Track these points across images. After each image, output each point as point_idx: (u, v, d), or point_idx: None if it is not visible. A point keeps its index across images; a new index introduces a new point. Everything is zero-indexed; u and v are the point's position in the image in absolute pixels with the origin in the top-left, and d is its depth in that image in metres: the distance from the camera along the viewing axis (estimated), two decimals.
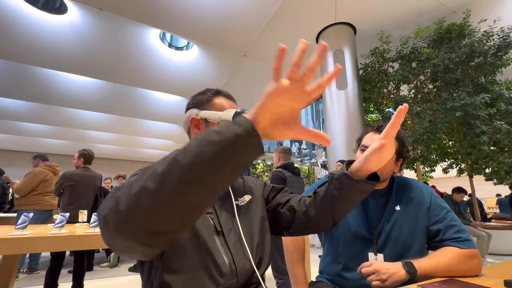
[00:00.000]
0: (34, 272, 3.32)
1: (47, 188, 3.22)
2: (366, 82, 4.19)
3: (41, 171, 3.22)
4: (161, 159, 0.35)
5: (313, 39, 4.26)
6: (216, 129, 0.35)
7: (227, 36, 4.09)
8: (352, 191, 0.57)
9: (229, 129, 0.34)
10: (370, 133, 0.99)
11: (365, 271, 0.75)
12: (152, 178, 0.32)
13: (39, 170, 3.21)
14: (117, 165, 12.93)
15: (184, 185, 0.32)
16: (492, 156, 4.72)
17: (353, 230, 0.92)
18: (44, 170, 3.25)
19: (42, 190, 3.17)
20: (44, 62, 4.61)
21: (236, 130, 0.34)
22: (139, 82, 5.50)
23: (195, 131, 0.69)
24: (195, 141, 0.34)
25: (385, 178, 0.93)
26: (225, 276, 0.53)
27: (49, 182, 3.25)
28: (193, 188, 0.33)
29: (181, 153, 0.33)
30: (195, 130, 0.69)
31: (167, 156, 0.35)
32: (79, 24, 3.81)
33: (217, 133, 0.34)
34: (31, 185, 3.11)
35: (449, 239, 0.83)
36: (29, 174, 3.17)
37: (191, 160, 0.32)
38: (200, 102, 0.70)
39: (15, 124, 8.19)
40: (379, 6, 3.64)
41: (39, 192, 3.16)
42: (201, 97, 0.70)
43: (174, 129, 8.90)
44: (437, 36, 3.69)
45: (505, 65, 3.49)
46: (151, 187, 0.32)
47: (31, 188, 3.11)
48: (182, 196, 0.33)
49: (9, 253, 1.43)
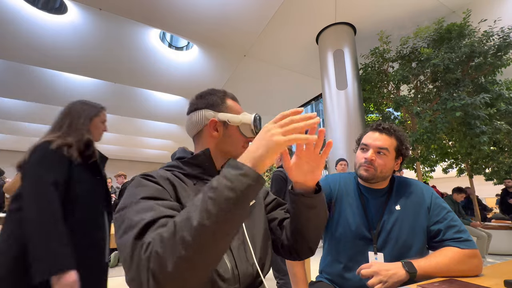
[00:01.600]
0: None
1: None
2: (366, 82, 4.19)
3: None
4: (183, 222, 0.39)
5: (313, 39, 4.26)
6: (227, 184, 0.41)
7: (227, 36, 4.09)
8: (298, 205, 0.60)
9: (240, 182, 0.41)
10: (370, 132, 0.98)
11: (365, 272, 0.75)
12: (186, 247, 0.37)
13: None
14: (117, 165, 12.92)
15: (217, 243, 0.40)
16: (492, 156, 4.72)
17: (353, 230, 0.92)
18: None
19: None
20: (44, 62, 4.61)
21: (247, 182, 0.41)
22: (139, 82, 5.50)
23: (214, 133, 0.66)
24: (211, 201, 0.40)
25: (385, 176, 0.93)
26: (227, 281, 0.52)
27: None
28: (223, 239, 0.41)
29: (205, 216, 0.39)
30: (214, 132, 0.66)
31: (188, 217, 0.40)
32: (79, 24, 3.81)
33: (230, 190, 0.40)
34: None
35: (449, 239, 0.83)
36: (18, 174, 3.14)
37: (217, 221, 0.39)
38: (215, 103, 0.67)
39: (15, 124, 8.19)
40: (379, 6, 3.64)
41: None
42: (213, 98, 0.68)
43: (174, 129, 8.90)
44: (437, 36, 3.69)
45: (505, 65, 3.49)
46: (189, 256, 0.37)
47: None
48: (216, 250, 0.41)
49: None
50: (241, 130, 0.66)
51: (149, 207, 0.47)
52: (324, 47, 4.06)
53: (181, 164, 0.65)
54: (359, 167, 0.95)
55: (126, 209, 0.48)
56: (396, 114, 4.57)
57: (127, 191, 0.53)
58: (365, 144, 0.95)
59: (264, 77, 5.44)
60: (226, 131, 0.66)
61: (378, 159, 0.92)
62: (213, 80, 5.43)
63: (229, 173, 0.42)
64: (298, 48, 4.51)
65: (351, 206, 0.96)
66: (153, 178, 0.56)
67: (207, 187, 0.42)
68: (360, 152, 0.97)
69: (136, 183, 0.54)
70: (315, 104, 12.19)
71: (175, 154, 0.70)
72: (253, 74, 5.27)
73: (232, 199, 0.39)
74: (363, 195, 0.98)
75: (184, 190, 0.58)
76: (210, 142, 0.68)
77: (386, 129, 0.95)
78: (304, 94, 6.42)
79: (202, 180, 0.64)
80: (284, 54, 4.66)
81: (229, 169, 0.43)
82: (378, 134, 0.94)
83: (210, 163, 0.65)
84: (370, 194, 0.97)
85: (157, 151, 11.94)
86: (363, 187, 0.99)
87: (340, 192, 1.00)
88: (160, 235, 0.39)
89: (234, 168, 0.43)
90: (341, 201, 0.98)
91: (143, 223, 0.43)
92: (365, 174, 0.92)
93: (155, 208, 0.46)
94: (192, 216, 0.39)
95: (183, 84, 5.53)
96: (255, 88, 5.87)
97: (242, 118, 0.66)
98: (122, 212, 0.48)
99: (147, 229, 0.42)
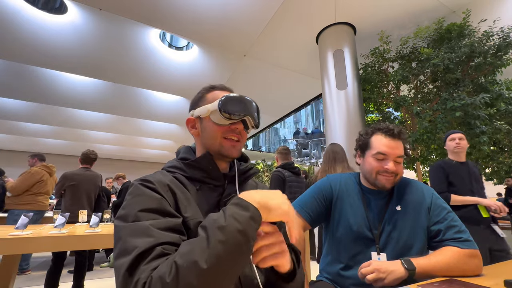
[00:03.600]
0: (25, 273, 3.28)
1: (42, 188, 3.18)
2: (366, 82, 4.19)
3: (38, 171, 3.18)
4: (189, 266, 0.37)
5: (313, 39, 4.26)
6: (238, 227, 0.40)
7: (227, 36, 4.09)
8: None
9: (249, 226, 0.41)
10: (384, 139, 0.92)
11: (365, 271, 0.76)
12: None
13: (36, 170, 3.17)
14: (117, 165, 12.92)
15: (225, 284, 0.39)
16: (492, 156, 4.71)
17: (354, 230, 0.92)
18: (41, 170, 3.22)
19: (36, 191, 3.13)
20: (44, 62, 4.61)
21: (254, 226, 0.42)
22: (139, 82, 5.50)
23: (193, 131, 0.68)
24: (221, 245, 0.38)
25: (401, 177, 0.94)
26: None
27: (44, 183, 3.20)
28: (231, 280, 0.40)
29: (215, 262, 0.37)
30: (193, 130, 0.68)
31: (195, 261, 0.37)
32: (79, 24, 3.81)
33: (240, 233, 0.40)
34: (27, 185, 3.05)
35: (449, 239, 0.83)
36: (26, 173, 3.12)
37: (227, 264, 0.38)
38: (194, 102, 0.69)
39: (15, 124, 8.18)
40: (379, 6, 3.64)
41: (33, 192, 3.11)
42: (195, 96, 0.69)
43: (174, 129, 8.90)
44: (437, 36, 3.68)
45: (505, 65, 3.49)
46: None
47: (26, 188, 3.05)
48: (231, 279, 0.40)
49: (9, 253, 1.43)
50: (212, 119, 0.62)
51: (145, 230, 0.45)
52: (324, 47, 4.06)
53: (184, 166, 0.63)
54: (376, 175, 0.91)
55: (123, 222, 0.48)
56: (396, 114, 4.57)
57: (126, 200, 0.52)
58: (383, 153, 0.91)
59: (264, 77, 5.44)
60: (202, 125, 0.65)
61: (398, 167, 0.90)
62: (213, 80, 5.40)
63: (238, 214, 0.41)
64: (298, 48, 4.50)
65: (352, 206, 0.96)
66: (152, 184, 0.54)
67: (213, 222, 0.41)
68: (375, 161, 0.92)
69: (134, 191, 0.53)
70: (315, 104, 12.19)
71: (179, 152, 0.70)
72: (253, 74, 5.27)
73: (242, 244, 0.39)
74: (365, 196, 0.98)
75: (186, 199, 0.57)
76: (196, 140, 0.69)
77: (399, 134, 0.92)
78: (304, 94, 6.41)
79: (206, 184, 0.63)
80: (284, 54, 4.66)
81: (237, 209, 0.42)
82: (395, 142, 0.91)
83: (213, 166, 0.63)
84: (372, 195, 0.97)
85: (157, 151, 11.93)
86: (366, 188, 0.99)
87: (341, 192, 1.00)
88: (161, 278, 0.37)
89: (243, 208, 0.42)
90: (342, 201, 0.98)
91: (136, 253, 0.41)
92: (388, 185, 0.90)
93: (150, 232, 0.45)
94: (198, 259, 0.37)
95: (183, 84, 5.53)
96: (255, 88, 5.87)
97: (210, 106, 0.62)
98: (120, 225, 0.48)
99: (140, 261, 0.41)
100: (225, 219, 0.40)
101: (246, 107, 0.63)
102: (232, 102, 0.61)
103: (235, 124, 0.63)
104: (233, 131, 0.63)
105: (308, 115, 13.57)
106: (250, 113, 0.63)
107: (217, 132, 0.62)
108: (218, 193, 0.63)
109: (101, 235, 1.66)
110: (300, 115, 14.16)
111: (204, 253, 0.37)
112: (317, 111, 12.80)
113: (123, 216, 0.49)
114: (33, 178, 3.12)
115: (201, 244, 0.39)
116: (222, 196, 0.63)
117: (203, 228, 0.42)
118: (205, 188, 0.62)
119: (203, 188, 0.62)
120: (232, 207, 0.43)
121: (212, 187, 0.63)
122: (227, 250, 0.38)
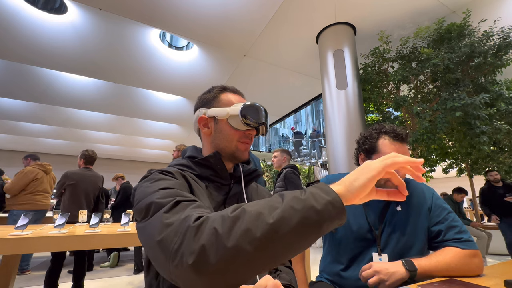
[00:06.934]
0: (25, 273, 3.28)
1: (38, 187, 3.15)
2: (366, 82, 4.19)
3: (31, 170, 3.15)
4: (254, 215, 0.36)
5: (313, 39, 4.26)
6: (315, 206, 0.37)
7: (227, 36, 4.09)
8: None
9: (327, 211, 0.37)
10: (388, 140, 0.91)
11: (366, 273, 0.76)
12: (250, 241, 0.34)
13: (29, 169, 3.14)
14: (117, 165, 12.92)
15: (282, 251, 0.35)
16: (492, 156, 4.72)
17: (354, 231, 0.92)
18: (35, 169, 3.18)
19: (32, 189, 3.10)
20: (44, 62, 4.61)
21: (331, 210, 0.38)
22: (139, 82, 5.50)
23: (204, 130, 0.68)
24: (293, 211, 0.36)
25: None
26: None
27: (40, 181, 3.17)
28: (289, 251, 0.36)
29: (281, 223, 0.35)
30: (205, 129, 0.68)
31: (261, 212, 0.36)
32: (79, 24, 3.81)
33: (316, 213, 0.37)
34: (20, 185, 3.03)
35: (450, 240, 0.83)
36: (19, 173, 3.09)
37: (290, 231, 0.35)
38: (207, 100, 0.69)
39: (15, 124, 8.18)
40: (379, 6, 3.64)
41: (30, 192, 3.09)
42: (207, 95, 0.70)
43: (174, 129, 8.90)
44: (437, 36, 3.68)
45: (505, 65, 3.49)
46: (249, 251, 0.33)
47: (21, 187, 3.03)
48: (275, 259, 0.36)
49: (9, 253, 1.43)
50: (230, 123, 0.64)
51: (176, 193, 0.44)
52: (324, 47, 4.06)
53: (192, 164, 0.64)
54: (385, 181, 0.88)
55: (147, 197, 0.45)
56: (396, 114, 4.57)
57: (142, 187, 0.50)
58: None
59: (264, 77, 5.44)
60: (217, 126, 0.66)
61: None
62: (213, 80, 5.43)
63: (319, 195, 0.39)
64: (298, 48, 4.50)
65: (352, 207, 0.96)
66: (171, 174, 0.55)
67: (291, 195, 0.39)
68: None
69: (153, 177, 0.53)
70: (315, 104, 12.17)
71: (185, 151, 0.70)
72: (253, 74, 5.27)
73: (314, 221, 0.36)
74: None
75: (198, 189, 0.58)
76: (205, 139, 0.69)
77: (406, 137, 0.90)
78: (304, 94, 6.41)
79: (213, 182, 0.64)
80: (284, 54, 4.66)
81: (319, 191, 0.40)
82: (403, 146, 0.89)
83: (221, 166, 0.64)
84: None
85: (157, 151, 11.92)
86: None
87: None
88: (220, 214, 0.36)
89: (325, 192, 0.39)
90: None
91: (175, 200, 0.41)
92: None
93: (183, 194, 0.44)
94: (266, 213, 0.35)
95: (183, 84, 5.53)
96: (255, 88, 5.87)
97: (230, 110, 0.64)
98: (142, 201, 0.46)
99: (181, 205, 0.40)
100: (304, 194, 0.39)
101: (263, 116, 0.67)
102: (252, 110, 0.64)
103: (250, 131, 0.66)
104: (247, 137, 0.66)
105: (308, 115, 13.57)
106: (265, 122, 0.67)
107: (233, 136, 0.65)
108: (225, 191, 0.65)
109: (101, 235, 1.65)
110: (300, 115, 14.17)
111: (272, 210, 0.36)
112: (317, 111, 12.79)
113: (146, 193, 0.47)
114: (27, 177, 3.10)
115: (273, 203, 0.38)
116: (228, 195, 0.65)
117: (280, 195, 0.40)
118: (212, 186, 0.63)
119: (210, 186, 0.63)
120: (314, 188, 0.41)
121: (219, 186, 0.65)
122: (296, 219, 0.35)
